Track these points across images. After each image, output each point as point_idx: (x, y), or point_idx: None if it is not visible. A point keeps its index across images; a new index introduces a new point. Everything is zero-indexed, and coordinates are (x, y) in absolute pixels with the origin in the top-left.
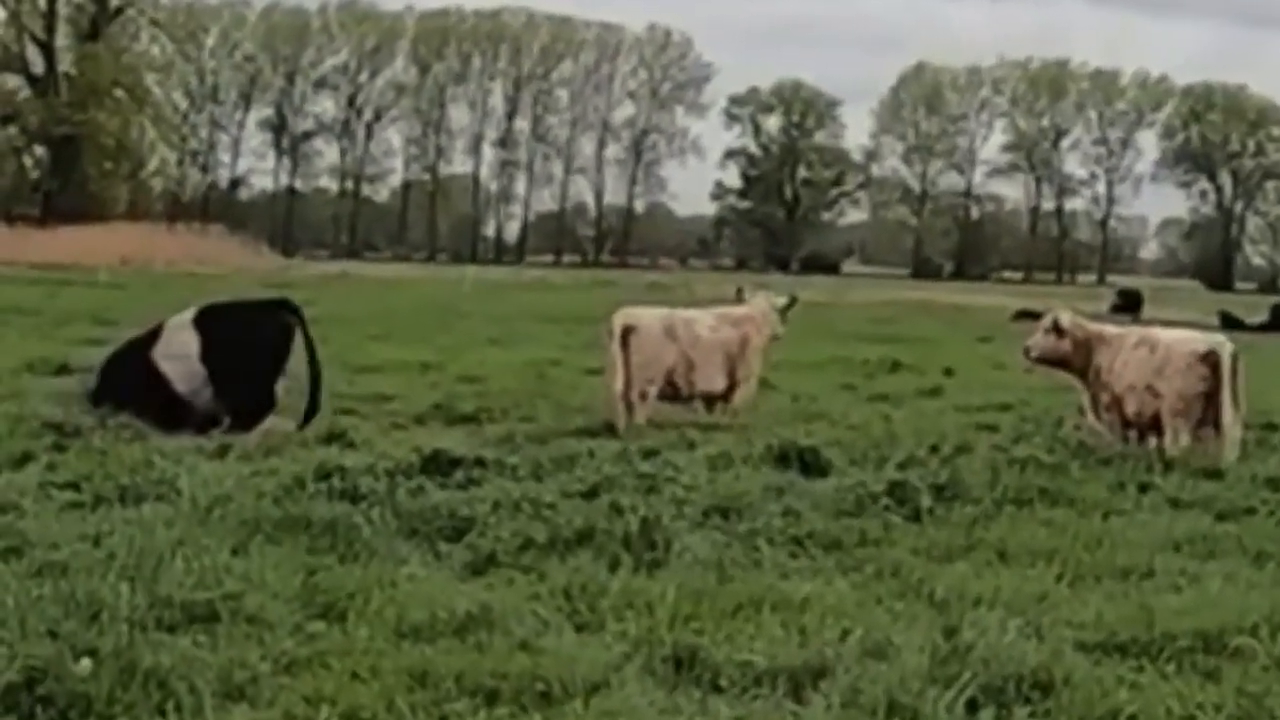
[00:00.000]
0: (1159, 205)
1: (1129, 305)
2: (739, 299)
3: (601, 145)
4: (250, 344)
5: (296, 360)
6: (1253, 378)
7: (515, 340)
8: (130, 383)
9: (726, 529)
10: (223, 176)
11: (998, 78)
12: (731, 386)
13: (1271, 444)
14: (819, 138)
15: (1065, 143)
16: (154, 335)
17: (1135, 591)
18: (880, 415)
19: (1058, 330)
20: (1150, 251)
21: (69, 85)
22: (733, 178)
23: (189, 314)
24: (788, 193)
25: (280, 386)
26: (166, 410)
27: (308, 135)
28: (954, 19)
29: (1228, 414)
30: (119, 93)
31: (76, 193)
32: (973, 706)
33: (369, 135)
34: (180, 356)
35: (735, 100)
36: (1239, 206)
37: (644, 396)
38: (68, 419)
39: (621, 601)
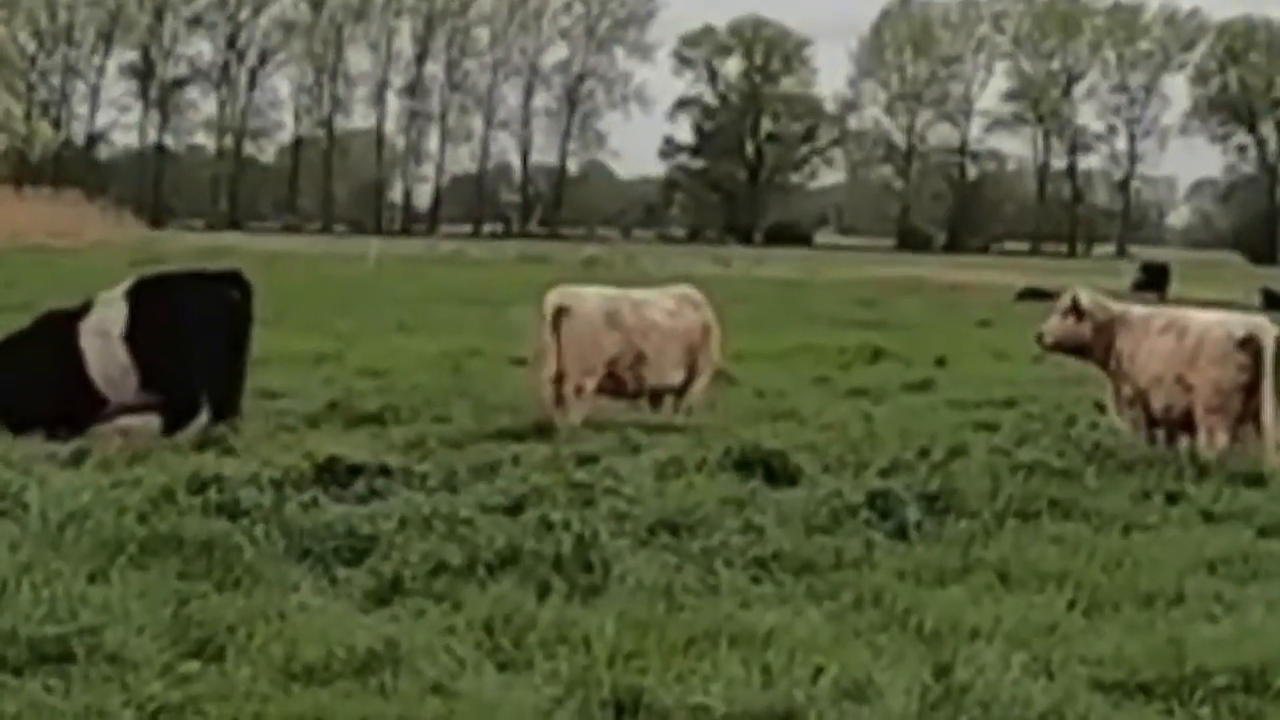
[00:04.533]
0: (1190, 163)
1: (1154, 281)
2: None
3: (528, 94)
4: (184, 325)
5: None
6: None
7: (427, 326)
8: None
9: (677, 548)
10: (79, 132)
11: (998, 12)
12: (689, 380)
13: None
14: (786, 85)
15: (1078, 90)
16: (83, 310)
17: (1162, 621)
18: (860, 413)
19: (1077, 312)
20: (1180, 218)
21: None
22: (684, 132)
23: (121, 287)
24: (749, 150)
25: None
26: (76, 401)
27: (179, 83)
28: None
29: (1269, 410)
30: None
31: None
32: None
33: (252, 83)
34: (102, 336)
35: (686, 41)
36: None
37: (580, 391)
38: None
39: (552, 635)
